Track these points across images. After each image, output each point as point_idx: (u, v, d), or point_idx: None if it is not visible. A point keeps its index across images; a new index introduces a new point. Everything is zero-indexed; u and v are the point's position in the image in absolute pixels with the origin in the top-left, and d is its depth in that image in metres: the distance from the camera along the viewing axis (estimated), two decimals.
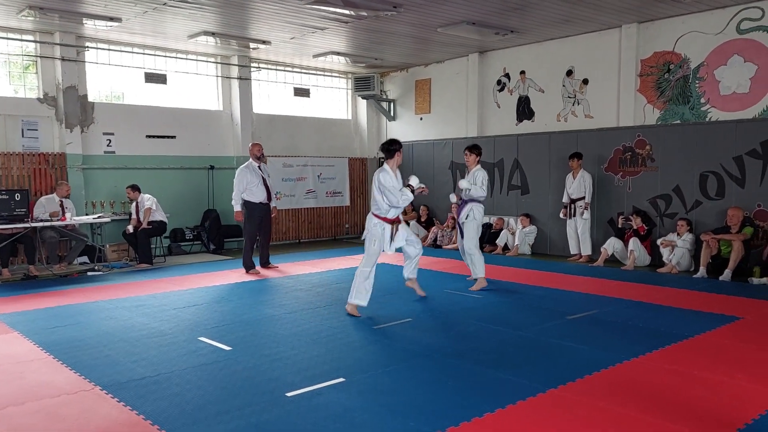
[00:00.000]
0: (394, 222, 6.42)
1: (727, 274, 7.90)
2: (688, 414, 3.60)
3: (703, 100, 9.09)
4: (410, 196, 6.25)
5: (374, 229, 6.33)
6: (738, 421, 3.49)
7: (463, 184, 7.44)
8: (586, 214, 9.68)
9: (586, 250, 9.67)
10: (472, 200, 7.41)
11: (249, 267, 8.93)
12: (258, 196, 8.81)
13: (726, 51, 8.80)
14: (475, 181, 7.38)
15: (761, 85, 8.52)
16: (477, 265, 7.39)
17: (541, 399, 3.84)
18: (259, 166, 8.92)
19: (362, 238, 6.61)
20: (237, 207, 8.84)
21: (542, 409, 3.69)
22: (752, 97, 8.61)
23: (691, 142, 8.97)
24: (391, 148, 6.41)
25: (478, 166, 7.56)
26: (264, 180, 8.89)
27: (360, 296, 6.22)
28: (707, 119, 9.03)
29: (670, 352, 4.83)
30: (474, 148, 7.62)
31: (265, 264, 9.26)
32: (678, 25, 9.24)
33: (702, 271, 8.19)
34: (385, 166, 6.34)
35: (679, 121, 9.31)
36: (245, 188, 8.77)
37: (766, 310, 6.26)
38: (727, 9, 8.69)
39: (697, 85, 9.13)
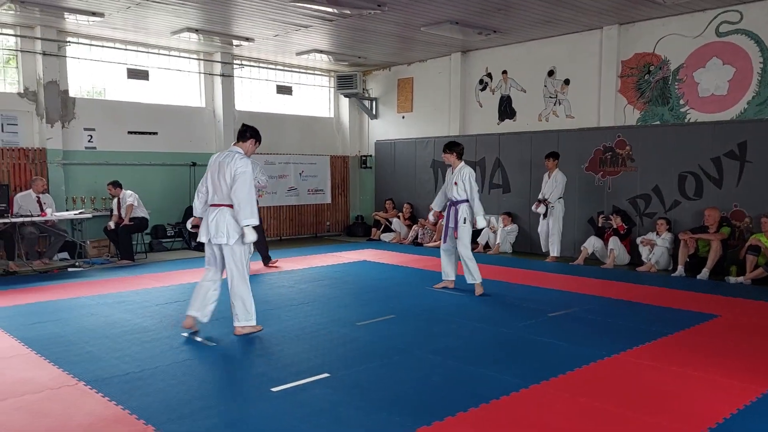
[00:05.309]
0: None
1: (704, 273, 8.05)
2: (666, 409, 3.68)
3: (682, 102, 9.24)
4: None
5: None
6: (717, 415, 3.57)
7: (481, 222, 6.98)
8: (541, 208, 9.74)
9: (554, 251, 9.73)
10: (461, 201, 6.98)
11: (267, 260, 9.23)
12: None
13: (705, 53, 8.95)
14: (467, 183, 6.94)
15: (739, 88, 8.67)
16: (474, 271, 6.98)
17: (523, 394, 3.90)
18: None
19: (200, 240, 5.35)
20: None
21: (524, 405, 3.75)
22: (730, 100, 8.77)
23: (670, 142, 9.10)
24: (240, 130, 5.44)
25: (462, 163, 7.07)
26: None
27: (249, 316, 5.34)
28: (686, 120, 9.18)
29: (648, 349, 4.92)
30: (450, 146, 7.06)
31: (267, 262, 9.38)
32: (658, 28, 9.38)
33: (680, 270, 8.33)
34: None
35: (658, 122, 9.45)
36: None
37: (741, 308, 6.40)
38: (707, 12, 8.83)
39: (676, 87, 9.28)
